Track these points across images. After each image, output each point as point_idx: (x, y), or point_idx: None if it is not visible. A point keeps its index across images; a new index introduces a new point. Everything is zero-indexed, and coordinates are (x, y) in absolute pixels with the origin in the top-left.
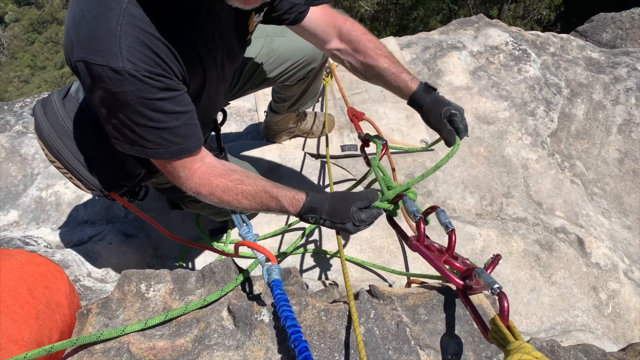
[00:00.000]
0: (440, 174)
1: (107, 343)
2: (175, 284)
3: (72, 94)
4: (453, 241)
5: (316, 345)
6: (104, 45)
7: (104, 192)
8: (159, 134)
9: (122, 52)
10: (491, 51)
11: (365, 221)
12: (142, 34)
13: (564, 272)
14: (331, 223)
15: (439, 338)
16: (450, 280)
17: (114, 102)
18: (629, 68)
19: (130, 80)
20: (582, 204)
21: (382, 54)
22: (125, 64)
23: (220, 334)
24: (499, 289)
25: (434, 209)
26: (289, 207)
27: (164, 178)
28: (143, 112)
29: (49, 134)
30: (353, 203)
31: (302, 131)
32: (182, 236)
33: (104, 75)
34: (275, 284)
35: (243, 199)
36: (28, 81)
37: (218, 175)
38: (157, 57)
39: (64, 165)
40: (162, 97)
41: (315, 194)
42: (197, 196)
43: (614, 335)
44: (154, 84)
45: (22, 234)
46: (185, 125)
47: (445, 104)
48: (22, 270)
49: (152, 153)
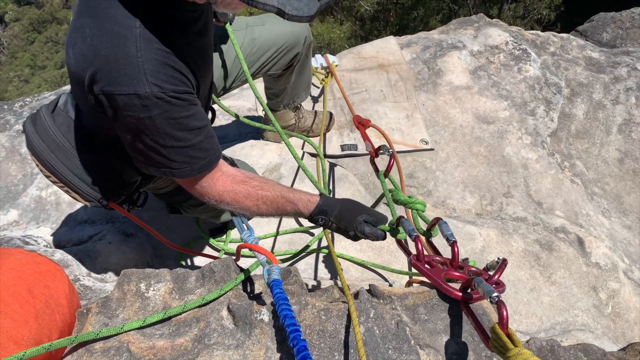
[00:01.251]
0: (440, 173)
1: (107, 342)
2: (175, 283)
3: (60, 107)
4: (456, 253)
5: (316, 345)
6: (128, 75)
7: (102, 202)
8: (185, 152)
9: (147, 77)
10: (491, 51)
11: (367, 236)
12: (161, 54)
13: (564, 271)
14: (337, 227)
15: (438, 337)
16: (450, 294)
17: (140, 128)
18: (629, 68)
19: (158, 104)
20: (582, 203)
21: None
22: (152, 88)
23: (220, 333)
24: (497, 297)
25: (437, 220)
26: (304, 209)
27: (161, 183)
28: (170, 133)
29: (41, 149)
30: (360, 214)
31: (302, 129)
32: (182, 235)
33: (130, 104)
34: (274, 283)
35: (262, 205)
36: (28, 81)
37: (239, 182)
38: (179, 74)
39: (59, 179)
40: (187, 115)
41: (328, 197)
42: (218, 204)
43: (614, 335)
44: (180, 103)
45: (22, 233)
46: (206, 139)
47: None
48: (21, 269)
49: (179, 173)
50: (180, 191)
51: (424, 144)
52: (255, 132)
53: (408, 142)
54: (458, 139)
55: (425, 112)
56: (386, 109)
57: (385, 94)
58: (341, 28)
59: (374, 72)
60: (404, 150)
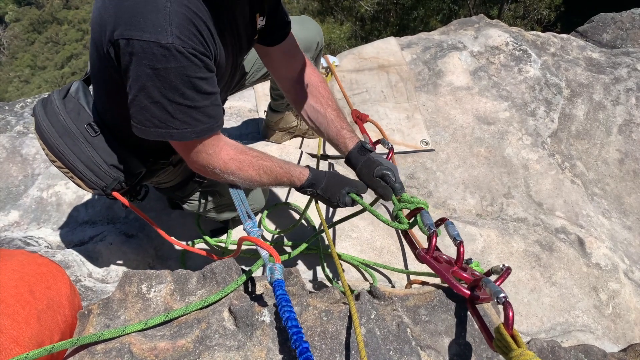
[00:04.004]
0: (441, 174)
1: (109, 344)
2: (176, 284)
3: (72, 93)
4: (462, 253)
5: (317, 346)
6: (152, 22)
7: (106, 190)
8: (189, 113)
9: (172, 29)
10: (492, 51)
11: (348, 205)
12: (189, 12)
13: (565, 272)
14: (322, 198)
15: (439, 339)
16: (458, 291)
17: (152, 79)
18: (630, 68)
19: (177, 57)
20: (582, 204)
21: (331, 106)
22: (175, 40)
23: (221, 334)
24: (504, 298)
25: (443, 220)
26: (297, 180)
27: (165, 177)
28: (181, 89)
29: (49, 134)
30: (343, 187)
31: (303, 131)
32: (183, 237)
33: (149, 52)
34: (277, 283)
35: (263, 174)
36: (28, 81)
37: (242, 152)
38: (201, 37)
39: (65, 165)
40: (201, 77)
41: (316, 171)
42: (222, 173)
43: (614, 336)
44: (197, 62)
45: (23, 234)
46: (212, 106)
47: (377, 164)
48: (23, 270)
49: (177, 134)
50: (182, 186)
51: (425, 144)
52: (256, 133)
53: (408, 143)
54: (458, 140)
55: (426, 113)
56: (387, 109)
57: (385, 94)
58: (341, 28)
59: (374, 73)
60: (404, 151)
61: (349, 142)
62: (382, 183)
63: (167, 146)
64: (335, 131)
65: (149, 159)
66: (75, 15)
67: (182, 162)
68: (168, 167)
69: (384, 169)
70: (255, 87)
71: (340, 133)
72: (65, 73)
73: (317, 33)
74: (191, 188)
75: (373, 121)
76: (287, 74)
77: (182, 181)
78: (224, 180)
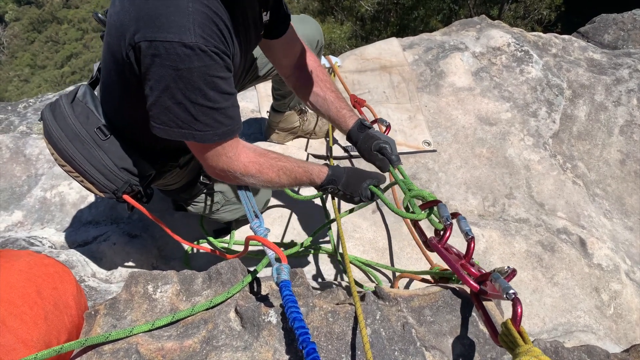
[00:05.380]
0: (443, 175)
1: (116, 344)
2: (182, 285)
3: (79, 97)
4: (472, 248)
5: (323, 347)
6: (175, 22)
7: (117, 193)
8: (212, 114)
9: (194, 28)
10: (493, 52)
11: (369, 199)
12: (210, 12)
13: (566, 273)
14: (343, 194)
15: (444, 339)
16: (467, 283)
17: (175, 80)
18: (631, 69)
19: (200, 56)
20: (584, 205)
21: (330, 88)
22: (198, 39)
23: (227, 335)
24: (514, 294)
25: (455, 215)
26: (317, 179)
27: (171, 179)
28: (203, 90)
29: (59, 138)
30: (364, 180)
31: (305, 132)
32: (186, 238)
33: (173, 52)
34: (284, 284)
35: (283, 175)
36: (28, 80)
37: (260, 154)
38: (222, 35)
39: (75, 169)
40: (222, 76)
41: (335, 167)
42: (242, 176)
43: (616, 336)
44: (219, 61)
45: (27, 234)
46: (232, 107)
47: (375, 139)
48: (30, 271)
49: (200, 136)
50: (187, 188)
51: (427, 145)
52: (259, 133)
53: (410, 144)
54: (460, 141)
55: (428, 114)
56: (389, 110)
57: (387, 95)
58: (342, 28)
59: (376, 74)
60: (406, 152)
61: (349, 120)
62: (380, 156)
63: (179, 147)
64: (335, 111)
65: (158, 161)
66: (75, 15)
67: (188, 164)
68: (175, 169)
69: (381, 143)
70: (257, 88)
71: (340, 113)
72: (65, 72)
73: (317, 31)
74: (197, 190)
75: (369, 106)
76: (287, 62)
77: (187, 183)
78: (244, 183)
